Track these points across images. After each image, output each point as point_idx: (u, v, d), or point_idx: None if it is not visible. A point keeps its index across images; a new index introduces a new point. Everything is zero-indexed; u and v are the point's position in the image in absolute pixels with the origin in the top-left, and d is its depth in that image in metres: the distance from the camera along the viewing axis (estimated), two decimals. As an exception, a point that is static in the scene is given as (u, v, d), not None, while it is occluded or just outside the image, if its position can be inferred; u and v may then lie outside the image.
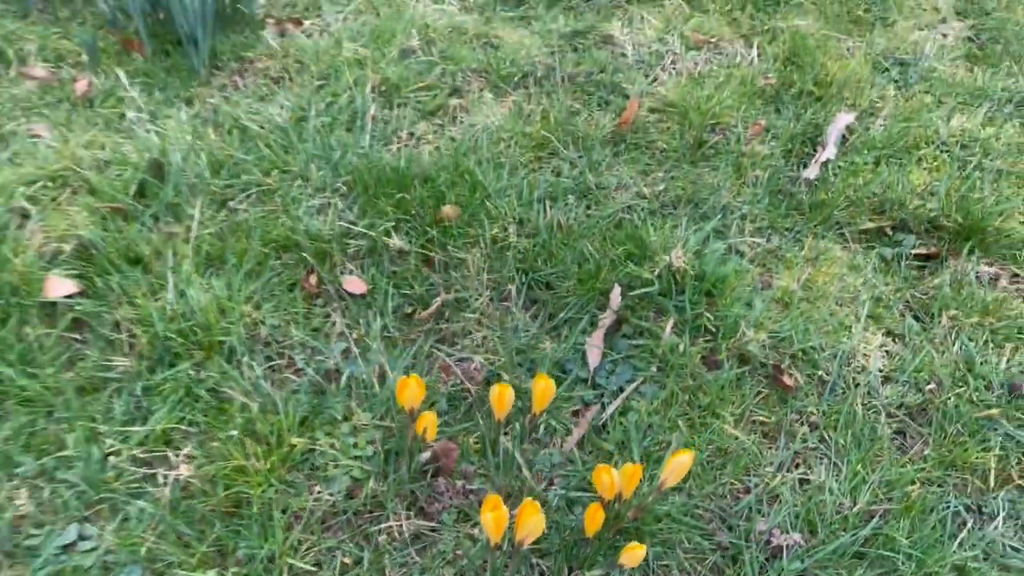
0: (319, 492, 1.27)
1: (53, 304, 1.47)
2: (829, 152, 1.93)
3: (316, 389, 1.40)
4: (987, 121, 2.07)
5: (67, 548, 1.20)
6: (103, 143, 1.80)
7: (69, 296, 1.49)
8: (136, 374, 1.40)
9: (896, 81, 2.20)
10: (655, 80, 2.17)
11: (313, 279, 1.57)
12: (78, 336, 1.45)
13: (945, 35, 2.41)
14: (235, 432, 1.30)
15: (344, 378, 1.41)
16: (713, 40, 2.30)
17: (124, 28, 2.15)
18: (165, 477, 1.27)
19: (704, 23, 2.37)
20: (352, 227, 1.64)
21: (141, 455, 1.30)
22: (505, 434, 1.35)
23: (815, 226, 1.78)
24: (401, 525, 1.24)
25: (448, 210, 1.68)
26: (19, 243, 1.55)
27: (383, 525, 1.24)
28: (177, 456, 1.30)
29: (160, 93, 1.98)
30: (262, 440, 1.30)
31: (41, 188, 1.67)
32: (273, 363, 1.44)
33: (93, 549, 1.20)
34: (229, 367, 1.41)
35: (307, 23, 2.26)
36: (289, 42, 2.17)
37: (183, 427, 1.33)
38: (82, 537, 1.22)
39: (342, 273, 1.59)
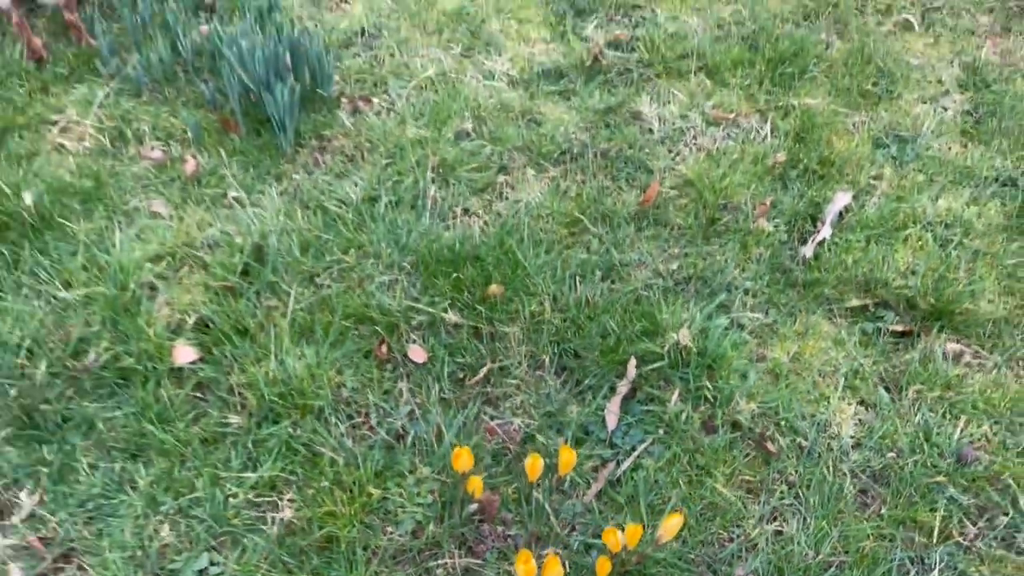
0: (391, 532, 1.63)
1: (180, 369, 1.85)
2: (825, 232, 2.22)
3: (388, 446, 1.77)
4: (971, 200, 2.33)
5: (202, 572, 1.59)
6: (211, 222, 2.17)
7: (192, 362, 1.87)
8: (247, 430, 1.77)
9: (894, 158, 2.47)
10: (677, 155, 2.47)
11: (384, 348, 1.92)
12: (201, 396, 1.83)
13: (946, 108, 2.65)
14: (326, 483, 1.67)
15: (410, 437, 1.77)
16: (731, 117, 2.58)
17: (222, 107, 2.52)
18: (272, 517, 1.65)
19: (724, 98, 2.65)
20: (416, 304, 1.99)
21: (254, 498, 1.68)
22: (537, 487, 1.70)
23: (808, 302, 2.08)
24: (454, 562, 1.60)
25: (494, 288, 2.02)
26: (150, 315, 1.94)
27: (440, 561, 1.60)
28: (281, 500, 1.68)
29: (254, 170, 2.35)
30: (347, 489, 1.67)
31: (164, 265, 2.05)
32: (354, 421, 1.81)
33: (221, 573, 1.58)
34: (319, 425, 1.78)
35: (375, 100, 2.61)
36: (361, 121, 2.51)
37: (285, 475, 1.71)
38: (212, 563, 1.60)
39: (407, 343, 1.94)
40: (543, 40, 2.88)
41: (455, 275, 2.04)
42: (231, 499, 1.67)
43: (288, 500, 1.68)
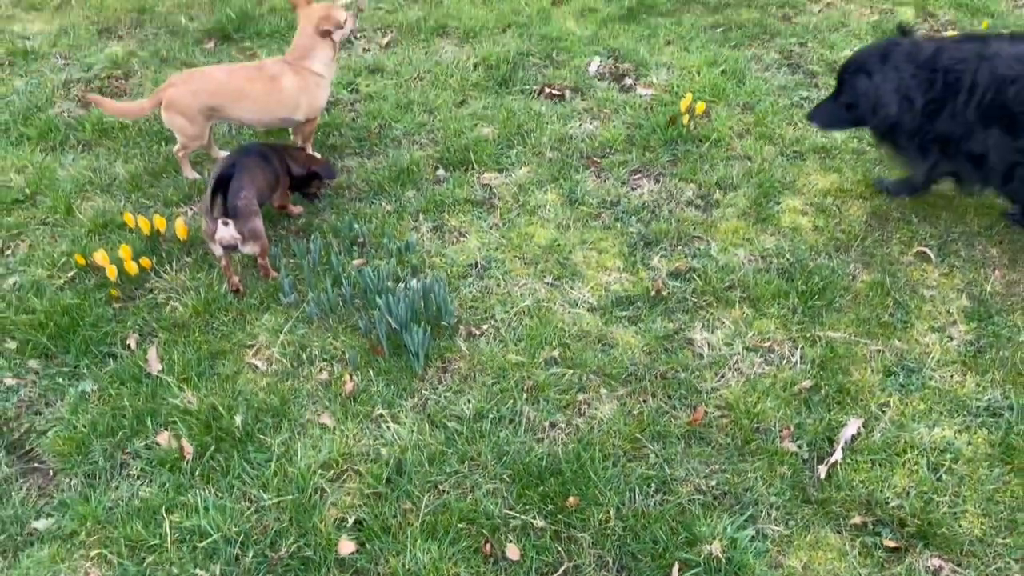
0: None
1: (343, 559, 2.58)
2: (837, 455, 2.79)
3: (490, 627, 2.42)
4: (963, 428, 2.86)
5: None
6: (363, 436, 2.93)
7: (351, 553, 2.59)
8: (390, 609, 2.46)
9: (902, 386, 3.02)
10: (722, 378, 3.10)
11: (488, 546, 2.60)
12: (358, 580, 2.55)
13: (952, 338, 3.19)
14: (447, 656, 2.33)
15: (506, 621, 2.42)
16: (767, 345, 3.20)
17: (371, 333, 3.31)
18: None
19: (763, 325, 3.28)
20: (512, 511, 2.67)
21: (395, 663, 2.35)
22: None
23: (820, 517, 2.64)
24: None
25: (572, 500, 2.68)
26: (322, 514, 2.68)
27: None
28: (415, 666, 2.35)
29: (395, 387, 3.11)
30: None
31: (331, 473, 2.81)
32: (466, 606, 2.48)
33: None
34: (441, 607, 2.45)
35: (484, 327, 3.36)
36: (473, 345, 3.26)
37: (417, 646, 2.38)
38: None
39: (506, 542, 2.61)
40: (617, 269, 3.60)
41: (541, 487, 2.71)
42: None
43: (419, 667, 2.34)
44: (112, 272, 3.41)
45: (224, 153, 4.26)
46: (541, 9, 5.51)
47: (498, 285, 3.55)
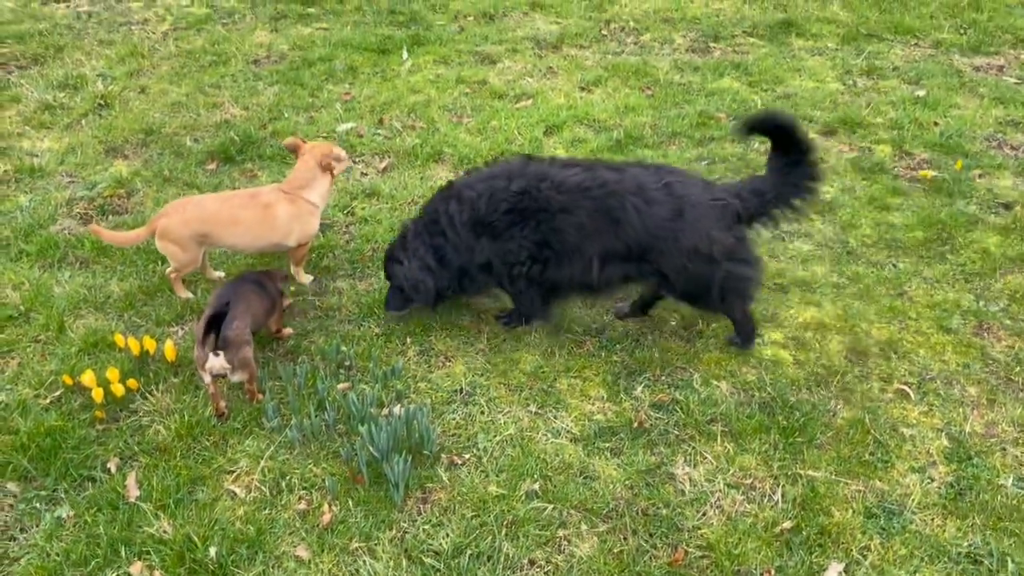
0: None
1: None
2: (819, 602, 2.75)
3: None
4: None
5: None
6: (338, 571, 2.88)
7: None
8: None
9: (883, 529, 3.01)
10: (703, 516, 3.09)
11: None
12: None
13: (932, 479, 3.20)
14: None
15: None
16: (748, 481, 3.21)
17: (351, 459, 3.31)
18: None
19: (745, 461, 3.29)
20: (487, 655, 2.61)
21: None
22: None
23: (801, 668, 2.59)
24: None
25: (548, 645, 2.62)
26: (293, 654, 2.61)
27: None
28: None
29: (373, 519, 3.08)
30: None
31: (304, 609, 2.76)
32: None
33: None
34: None
35: (467, 455, 3.36)
36: (454, 476, 3.26)
37: None
38: None
39: None
40: (600, 398, 3.63)
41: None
42: None
43: None
44: (98, 394, 3.43)
45: (219, 274, 4.36)
46: (533, 139, 5.74)
47: (482, 412, 3.56)
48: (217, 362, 3.31)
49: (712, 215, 3.58)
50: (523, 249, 3.72)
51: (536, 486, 3.20)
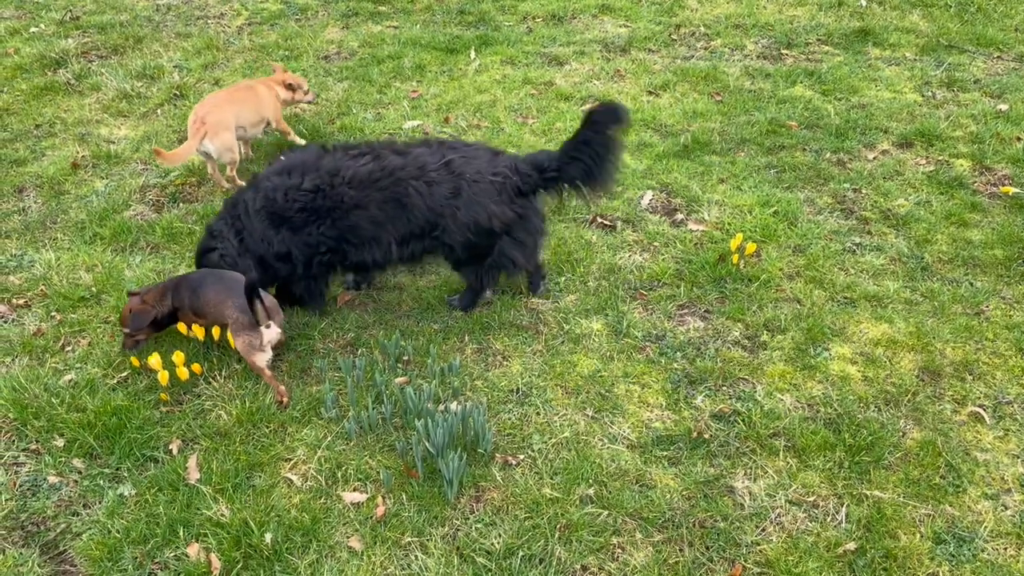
0: None
1: None
2: (882, 627, 2.65)
3: None
4: (1020, 610, 2.70)
5: None
6: (390, 564, 2.88)
7: None
8: None
9: (952, 556, 2.88)
10: (763, 531, 3.00)
11: None
12: None
13: (1006, 507, 3.06)
14: None
15: None
16: (811, 499, 3.11)
17: (406, 453, 3.31)
18: None
19: (808, 478, 3.19)
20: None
21: None
22: None
23: None
24: None
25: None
26: (342, 645, 2.62)
27: None
28: None
29: (426, 514, 3.07)
30: None
31: (355, 600, 2.76)
32: None
33: None
34: None
35: (521, 456, 3.33)
36: (507, 476, 3.23)
37: None
38: None
39: None
40: (659, 406, 3.56)
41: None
42: None
43: None
44: (164, 377, 3.50)
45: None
46: (598, 141, 5.68)
47: (537, 413, 3.53)
48: (274, 331, 3.50)
49: (491, 190, 3.83)
50: (322, 244, 3.89)
51: (591, 491, 3.16)
